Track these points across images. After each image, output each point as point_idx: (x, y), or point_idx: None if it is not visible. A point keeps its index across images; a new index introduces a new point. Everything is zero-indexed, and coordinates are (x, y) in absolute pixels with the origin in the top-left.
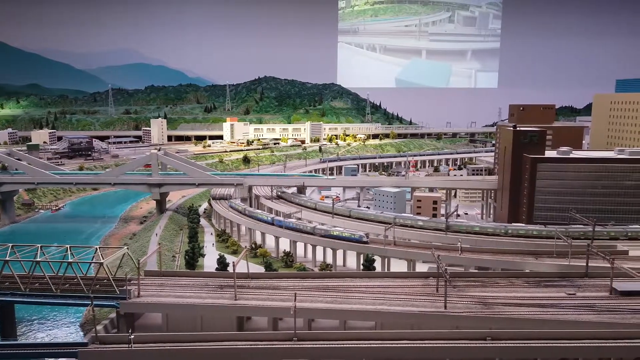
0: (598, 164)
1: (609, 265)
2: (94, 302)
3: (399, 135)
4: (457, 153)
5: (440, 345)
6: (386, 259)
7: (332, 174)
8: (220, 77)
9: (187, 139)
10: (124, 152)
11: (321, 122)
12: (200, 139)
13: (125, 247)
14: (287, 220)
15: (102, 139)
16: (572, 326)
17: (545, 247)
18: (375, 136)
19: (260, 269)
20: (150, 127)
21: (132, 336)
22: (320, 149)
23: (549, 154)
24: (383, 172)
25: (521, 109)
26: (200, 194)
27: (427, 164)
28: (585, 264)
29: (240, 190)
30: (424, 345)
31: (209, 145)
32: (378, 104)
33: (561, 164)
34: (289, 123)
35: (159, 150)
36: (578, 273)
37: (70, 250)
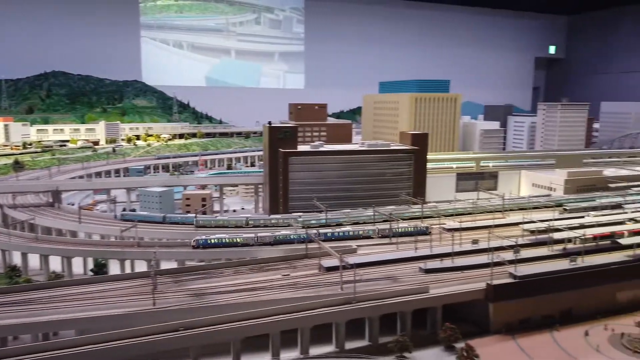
0: (342, 155)
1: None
2: None
3: (208, 135)
4: (252, 151)
5: (137, 342)
6: (128, 262)
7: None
8: None
9: None
10: None
11: (118, 122)
12: None
13: None
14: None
15: None
16: (270, 304)
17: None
18: (181, 136)
19: None
20: None
21: None
22: (113, 150)
23: (303, 148)
24: (175, 172)
25: (299, 107)
26: None
27: (225, 162)
28: (305, 247)
29: None
30: (117, 345)
31: None
32: (186, 103)
33: (310, 157)
34: (83, 123)
35: None
36: (299, 255)
37: None
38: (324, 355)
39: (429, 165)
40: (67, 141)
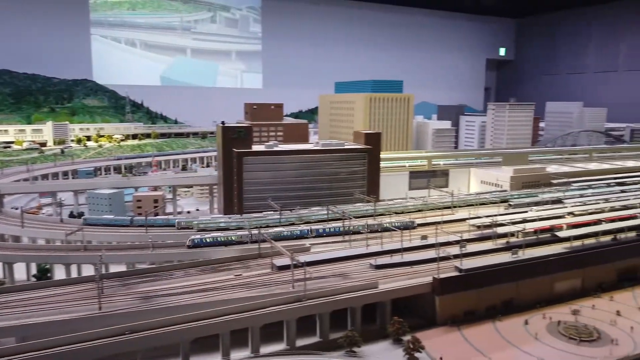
0: (295, 155)
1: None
2: None
3: (162, 135)
4: (208, 151)
5: (80, 347)
6: (74, 266)
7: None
8: None
9: None
10: None
11: (67, 122)
12: None
13: None
14: None
15: None
16: (219, 305)
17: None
18: (134, 136)
19: None
20: None
21: None
22: (62, 152)
23: (258, 148)
24: (127, 174)
25: (254, 107)
26: None
27: (180, 163)
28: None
29: None
30: (59, 351)
31: None
32: (140, 103)
33: (264, 157)
34: (30, 123)
35: None
36: (252, 255)
37: None
38: (275, 354)
39: (383, 164)
40: (12, 142)
